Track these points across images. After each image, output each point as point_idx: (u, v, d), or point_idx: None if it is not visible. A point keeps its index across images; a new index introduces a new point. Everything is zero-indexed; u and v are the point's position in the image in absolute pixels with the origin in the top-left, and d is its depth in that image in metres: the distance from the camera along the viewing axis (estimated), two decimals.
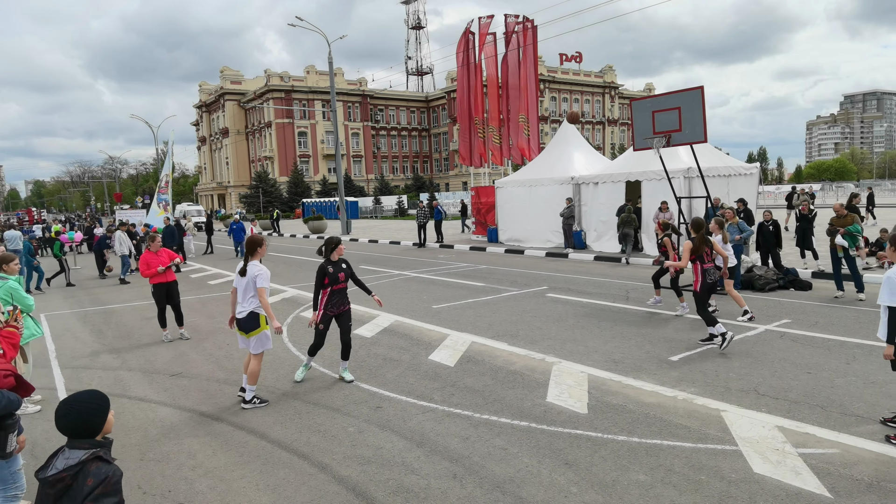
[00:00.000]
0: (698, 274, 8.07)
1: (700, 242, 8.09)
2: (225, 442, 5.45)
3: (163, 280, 9.47)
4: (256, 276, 6.25)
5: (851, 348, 7.53)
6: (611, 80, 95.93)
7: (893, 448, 4.74)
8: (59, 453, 2.54)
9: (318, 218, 39.82)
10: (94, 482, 2.43)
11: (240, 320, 6.36)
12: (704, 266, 8.04)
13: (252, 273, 6.27)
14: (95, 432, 2.56)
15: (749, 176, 17.41)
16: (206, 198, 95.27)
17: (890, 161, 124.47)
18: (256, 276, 6.24)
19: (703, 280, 8.01)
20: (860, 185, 63.81)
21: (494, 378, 6.92)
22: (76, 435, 2.52)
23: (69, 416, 2.52)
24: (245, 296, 6.33)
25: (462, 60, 27.25)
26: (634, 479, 4.43)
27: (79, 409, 2.54)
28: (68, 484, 2.44)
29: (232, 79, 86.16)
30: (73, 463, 2.46)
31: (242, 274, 6.34)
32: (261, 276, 6.25)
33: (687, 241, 8.22)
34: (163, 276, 9.45)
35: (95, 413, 2.57)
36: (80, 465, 2.46)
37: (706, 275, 8.02)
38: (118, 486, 2.50)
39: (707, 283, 8.02)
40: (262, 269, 6.33)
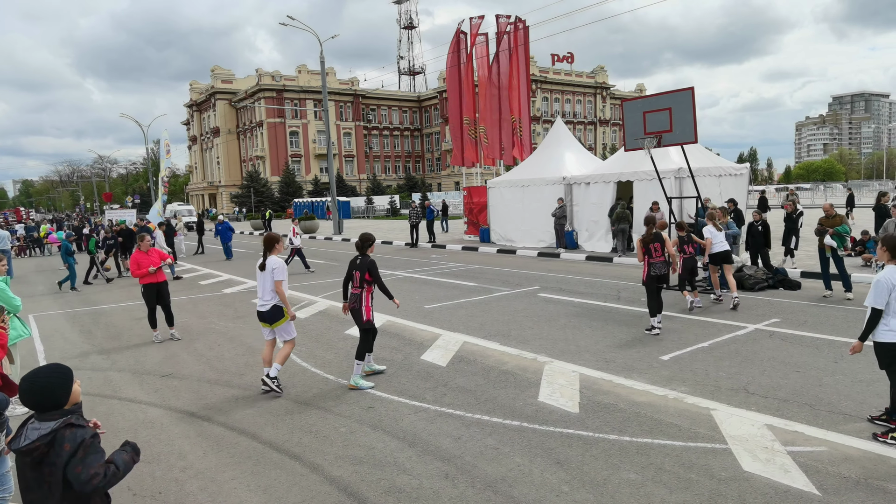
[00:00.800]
0: (646, 266, 8.75)
1: (649, 238, 8.74)
2: (216, 443, 5.43)
3: (153, 280, 9.42)
4: (274, 269, 6.60)
5: (839, 347, 7.60)
6: (602, 81, 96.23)
7: (880, 445, 4.79)
8: (27, 423, 2.58)
9: (309, 218, 39.72)
10: (72, 447, 2.49)
11: (263, 313, 6.66)
12: (652, 260, 8.69)
13: (270, 266, 6.61)
14: (61, 404, 2.59)
15: (739, 176, 17.52)
16: (196, 197, 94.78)
17: (877, 162, 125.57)
18: (274, 270, 6.60)
19: (649, 272, 8.70)
20: (847, 186, 64.40)
21: (486, 378, 6.93)
22: (42, 409, 2.57)
23: (32, 392, 2.55)
24: (266, 289, 6.64)
25: (453, 61, 27.25)
26: (625, 477, 4.45)
27: (41, 383, 2.57)
28: (44, 452, 2.49)
29: (223, 78, 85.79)
30: (45, 432, 2.51)
31: (262, 268, 6.67)
32: (277, 270, 6.61)
33: (638, 237, 8.90)
34: (153, 277, 9.40)
35: (58, 387, 2.60)
36: (52, 434, 2.50)
37: (652, 268, 8.70)
38: (97, 443, 2.56)
39: (652, 276, 8.68)
40: (280, 263, 6.68)
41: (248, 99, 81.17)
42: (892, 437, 4.85)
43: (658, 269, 8.72)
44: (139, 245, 9.48)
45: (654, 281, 8.71)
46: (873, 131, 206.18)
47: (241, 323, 10.75)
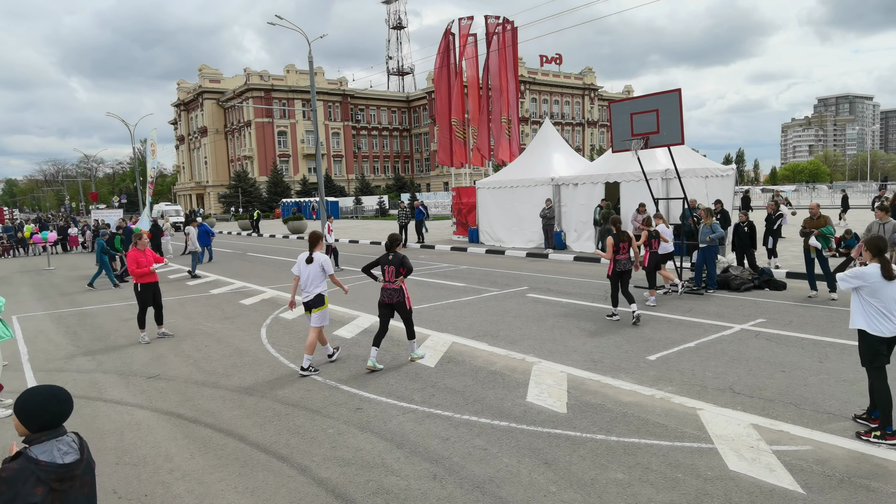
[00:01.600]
0: (612, 262, 9.51)
1: (619, 237, 9.51)
2: (203, 444, 5.39)
3: (151, 280, 9.46)
4: (323, 264, 7.48)
5: (824, 347, 7.69)
6: (590, 82, 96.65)
7: (864, 444, 4.85)
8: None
9: (297, 218, 39.55)
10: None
11: (308, 302, 7.43)
12: (618, 257, 9.48)
13: (319, 262, 7.44)
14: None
15: (725, 178, 17.66)
16: (184, 197, 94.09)
17: (861, 163, 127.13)
18: (324, 265, 7.48)
19: (615, 268, 9.52)
20: (833, 187, 65.15)
21: (475, 378, 6.94)
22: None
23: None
24: (314, 280, 7.44)
25: (442, 61, 27.25)
26: (612, 477, 4.47)
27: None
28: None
29: (211, 77, 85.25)
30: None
31: (309, 262, 7.44)
32: (326, 265, 7.52)
33: (609, 236, 9.64)
34: (151, 276, 9.44)
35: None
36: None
37: (617, 264, 9.52)
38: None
39: (617, 271, 9.52)
40: (326, 259, 7.59)
41: (235, 98, 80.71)
42: (875, 436, 4.91)
43: (623, 266, 9.54)
44: (136, 244, 9.49)
45: (618, 276, 9.56)
46: (857, 133, 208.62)
47: (229, 324, 10.69)
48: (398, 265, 7.35)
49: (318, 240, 7.57)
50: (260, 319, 10.93)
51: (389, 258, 7.40)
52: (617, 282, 9.61)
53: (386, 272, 7.39)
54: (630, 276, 9.71)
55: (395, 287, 7.40)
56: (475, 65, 26.87)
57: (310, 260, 7.43)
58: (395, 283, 7.40)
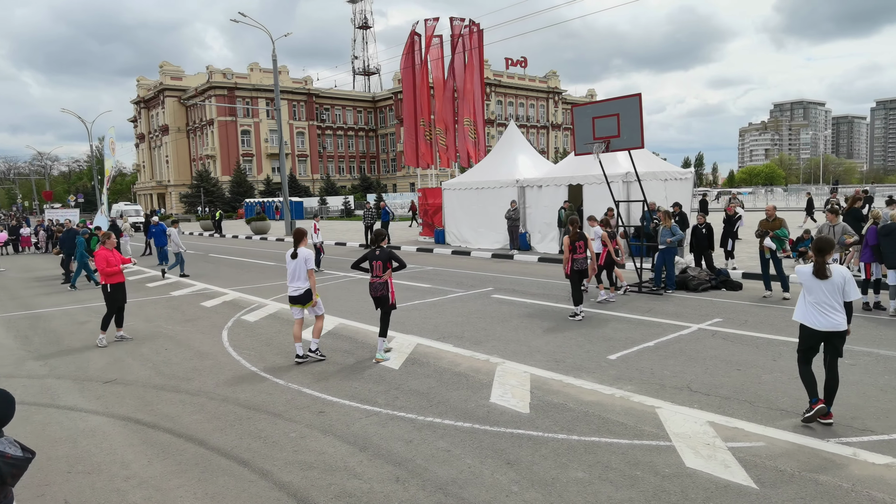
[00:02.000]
0: (570, 262, 9.83)
1: (574, 236, 9.86)
2: (162, 450, 5.28)
3: (120, 280, 9.35)
4: (306, 259, 7.74)
5: (778, 346, 7.94)
6: (554, 86, 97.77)
7: (813, 440, 5.02)
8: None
9: (261, 218, 39.00)
10: None
11: (297, 297, 7.77)
12: (575, 256, 9.85)
13: (302, 257, 7.72)
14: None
15: (684, 181, 18.07)
16: (144, 197, 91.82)
17: (815, 167, 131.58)
18: (307, 260, 7.74)
19: (572, 267, 9.86)
20: (788, 190, 67.24)
21: (439, 380, 6.96)
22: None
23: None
24: (298, 276, 7.74)
25: (408, 62, 27.22)
26: (573, 476, 4.54)
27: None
28: None
29: (172, 74, 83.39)
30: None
31: (294, 257, 7.74)
32: (309, 260, 7.77)
33: (566, 235, 10.01)
34: (120, 276, 9.34)
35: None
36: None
37: (574, 263, 9.86)
38: None
39: (575, 270, 9.86)
40: (311, 254, 7.87)
41: (198, 97, 79.13)
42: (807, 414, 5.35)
43: (580, 265, 9.88)
44: (105, 243, 9.35)
45: (576, 275, 9.90)
46: (811, 138, 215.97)
47: (190, 326, 10.48)
48: (385, 260, 7.64)
49: (303, 236, 7.92)
50: (221, 322, 10.75)
51: (376, 253, 7.71)
52: (576, 280, 9.90)
53: (374, 267, 7.68)
54: (586, 276, 10.06)
55: (381, 281, 7.66)
56: (441, 66, 26.91)
57: (294, 255, 7.75)
58: (382, 278, 7.67)
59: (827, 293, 5.28)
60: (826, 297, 5.28)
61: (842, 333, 5.32)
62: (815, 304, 5.34)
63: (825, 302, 5.29)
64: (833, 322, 5.26)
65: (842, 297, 5.27)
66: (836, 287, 5.26)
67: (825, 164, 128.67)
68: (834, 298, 5.26)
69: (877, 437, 5.04)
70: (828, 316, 5.27)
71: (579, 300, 9.95)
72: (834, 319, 5.26)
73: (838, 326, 5.27)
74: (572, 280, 9.97)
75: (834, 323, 5.26)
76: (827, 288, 5.28)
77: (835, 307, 5.27)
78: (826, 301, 5.29)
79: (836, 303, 5.26)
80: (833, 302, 5.26)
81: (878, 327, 8.75)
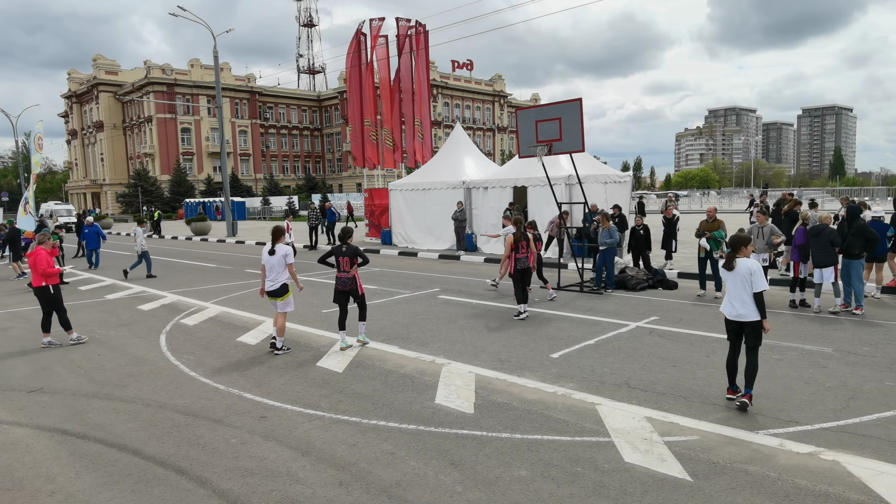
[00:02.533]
0: (513, 261, 10.05)
1: (519, 237, 10.01)
2: (92, 462, 5.05)
3: (57, 281, 9.25)
4: (286, 255, 8.11)
5: (711, 342, 8.27)
6: (500, 89, 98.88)
7: (744, 432, 5.25)
8: None
9: (201, 219, 37.84)
10: None
11: (274, 291, 8.13)
12: (518, 256, 10.00)
13: (281, 253, 8.07)
14: None
15: (623, 183, 18.61)
16: (77, 196, 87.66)
17: (746, 171, 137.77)
18: (286, 255, 8.11)
19: (515, 266, 10.05)
20: (721, 193, 70.15)
21: (384, 382, 6.92)
22: None
23: None
24: (276, 271, 8.10)
25: (353, 61, 26.99)
26: (516, 474, 4.60)
27: None
28: None
29: (107, 69, 79.86)
30: None
31: (272, 254, 8.06)
32: (289, 255, 8.17)
33: (509, 235, 10.07)
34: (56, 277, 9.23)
35: None
36: None
37: (518, 262, 10.05)
38: None
39: (518, 269, 10.04)
40: (289, 250, 8.23)
41: (135, 92, 76.06)
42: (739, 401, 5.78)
43: (522, 264, 10.10)
44: (43, 244, 9.30)
45: (519, 274, 10.08)
46: (743, 143, 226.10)
47: (125, 331, 10.07)
48: (352, 255, 8.14)
49: (281, 234, 8.33)
50: (159, 326, 10.37)
51: (343, 249, 8.19)
52: (519, 279, 10.08)
53: (341, 262, 8.14)
54: (530, 276, 10.21)
55: (349, 276, 8.16)
56: (387, 66, 26.80)
57: (272, 252, 8.10)
58: (349, 272, 8.14)
59: (737, 285, 5.79)
60: (735, 288, 5.81)
61: (752, 323, 5.76)
62: (728, 295, 5.89)
63: (734, 293, 5.81)
64: (739, 312, 5.77)
65: (750, 289, 5.72)
66: (743, 279, 5.74)
67: (756, 168, 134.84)
68: (743, 290, 5.75)
69: (801, 428, 5.32)
70: (735, 306, 5.79)
71: (523, 299, 10.09)
72: (741, 310, 5.76)
73: (745, 317, 5.75)
74: (515, 279, 10.14)
75: (741, 313, 5.77)
76: (736, 279, 5.80)
77: (742, 298, 5.76)
78: (735, 292, 5.81)
79: (745, 294, 5.75)
80: (742, 293, 5.77)
81: (804, 323, 9.23)
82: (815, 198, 26.03)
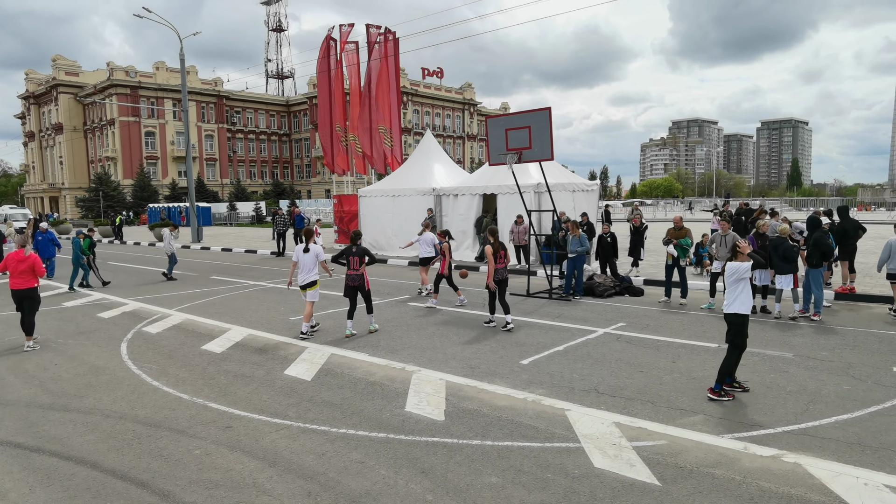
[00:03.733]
0: (491, 272, 9.72)
1: (497, 247, 9.88)
2: (46, 476, 4.85)
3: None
4: (318, 253, 9.35)
5: (677, 348, 8.40)
6: (470, 97, 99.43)
7: (710, 437, 5.33)
8: None
9: (165, 224, 37.01)
10: None
11: (305, 284, 9.32)
12: (496, 266, 9.83)
13: (314, 252, 9.31)
14: None
15: (590, 192, 18.84)
16: (34, 200, 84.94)
17: (708, 181, 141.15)
18: (318, 254, 9.35)
19: (495, 276, 9.85)
20: (685, 202, 71.75)
21: (353, 390, 6.84)
22: None
23: None
24: (309, 267, 9.32)
25: (323, 66, 26.81)
26: (487, 481, 4.58)
27: None
28: None
29: (67, 69, 77.70)
30: None
31: (306, 251, 9.30)
32: (320, 254, 9.42)
33: (488, 245, 9.89)
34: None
35: None
36: None
37: (496, 273, 9.84)
38: None
39: (497, 280, 9.86)
40: (320, 249, 9.53)
41: (97, 94, 74.15)
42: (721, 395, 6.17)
43: (500, 274, 9.91)
44: (22, 246, 9.38)
45: (496, 284, 9.85)
46: (705, 154, 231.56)
47: (85, 339, 9.76)
48: (361, 255, 9.34)
49: (311, 234, 9.58)
50: (120, 334, 10.08)
51: (353, 250, 9.34)
52: (495, 290, 9.88)
53: (351, 261, 9.27)
54: (507, 285, 10.09)
55: (358, 273, 9.29)
56: (357, 72, 26.68)
57: (306, 250, 9.28)
58: (359, 270, 9.28)
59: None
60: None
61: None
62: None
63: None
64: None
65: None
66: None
67: (718, 178, 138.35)
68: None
69: (764, 432, 5.43)
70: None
71: (493, 309, 10.08)
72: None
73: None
74: (492, 291, 9.95)
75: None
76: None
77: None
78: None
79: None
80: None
81: (765, 329, 9.45)
82: (774, 207, 26.99)
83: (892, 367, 7.32)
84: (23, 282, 9.13)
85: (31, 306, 9.29)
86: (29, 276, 9.15)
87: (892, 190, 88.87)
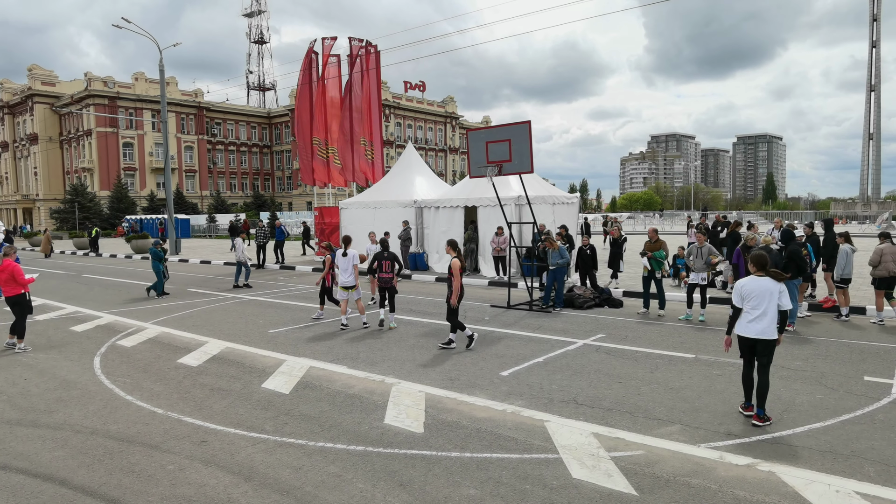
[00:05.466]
0: (458, 287, 9.18)
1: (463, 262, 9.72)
2: (12, 494, 4.72)
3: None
4: (353, 257, 10.99)
5: (655, 359, 8.46)
6: (452, 111, 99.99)
7: (687, 446, 5.37)
8: None
9: (142, 236, 36.51)
10: None
11: (348, 285, 10.89)
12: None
13: (351, 255, 10.96)
14: None
15: (570, 205, 19.02)
16: (7, 212, 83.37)
17: (687, 194, 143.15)
18: (354, 257, 10.98)
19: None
20: (664, 215, 72.68)
21: (332, 403, 6.78)
22: None
23: None
24: (349, 270, 10.88)
25: (304, 79, 26.80)
26: (465, 493, 4.56)
27: None
28: None
29: (43, 79, 76.71)
30: None
31: (345, 255, 10.93)
32: (355, 258, 11.05)
33: (454, 259, 9.34)
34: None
35: None
36: None
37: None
38: None
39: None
40: (356, 253, 11.19)
41: (74, 105, 73.24)
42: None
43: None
44: (10, 254, 9.84)
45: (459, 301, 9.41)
46: (683, 168, 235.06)
47: (56, 353, 9.55)
48: (392, 260, 10.62)
49: (350, 240, 11.30)
50: (93, 347, 9.89)
51: (384, 255, 10.64)
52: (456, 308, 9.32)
53: (383, 265, 10.57)
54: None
55: (389, 276, 10.56)
56: (338, 85, 26.72)
57: (345, 254, 10.94)
58: (390, 274, 10.54)
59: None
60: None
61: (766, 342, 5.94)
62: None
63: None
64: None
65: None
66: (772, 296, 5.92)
67: (695, 191, 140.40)
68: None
69: (739, 441, 5.48)
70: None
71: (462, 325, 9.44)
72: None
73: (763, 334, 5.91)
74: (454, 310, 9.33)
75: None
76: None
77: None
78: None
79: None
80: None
81: None
82: (751, 220, 27.53)
83: (863, 377, 7.45)
84: (9, 289, 9.72)
85: (21, 311, 9.82)
86: (12, 283, 9.68)
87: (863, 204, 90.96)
